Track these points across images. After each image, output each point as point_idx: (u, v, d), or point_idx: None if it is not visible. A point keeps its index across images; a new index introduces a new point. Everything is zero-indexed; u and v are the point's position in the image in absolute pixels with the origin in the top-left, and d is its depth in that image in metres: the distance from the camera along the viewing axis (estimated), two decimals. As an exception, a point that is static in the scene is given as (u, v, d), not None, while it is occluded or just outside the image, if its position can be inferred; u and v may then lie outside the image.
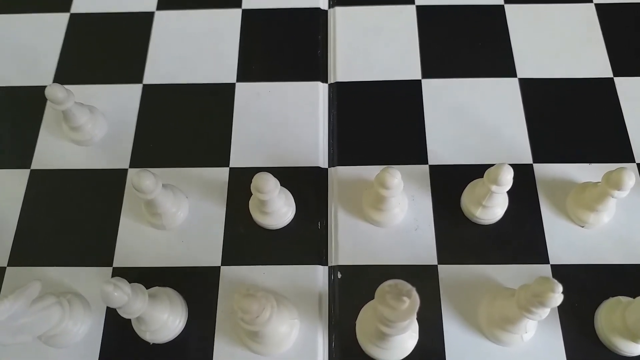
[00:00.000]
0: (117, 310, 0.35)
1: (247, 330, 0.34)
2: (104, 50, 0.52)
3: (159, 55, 0.52)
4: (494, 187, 0.39)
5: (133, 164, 0.47)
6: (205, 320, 0.41)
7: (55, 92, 0.43)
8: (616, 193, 0.39)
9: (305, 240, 0.44)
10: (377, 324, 0.33)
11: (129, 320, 0.40)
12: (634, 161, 0.45)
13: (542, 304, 0.33)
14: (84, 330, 0.41)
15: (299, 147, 0.47)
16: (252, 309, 0.32)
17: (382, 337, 0.36)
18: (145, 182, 0.39)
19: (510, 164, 0.39)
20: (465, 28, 0.52)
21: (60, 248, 0.44)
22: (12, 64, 0.52)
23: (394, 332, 0.33)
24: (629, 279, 0.41)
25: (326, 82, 0.50)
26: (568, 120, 0.47)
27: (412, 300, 0.30)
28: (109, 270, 0.43)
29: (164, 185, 0.41)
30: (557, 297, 0.32)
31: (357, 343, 0.40)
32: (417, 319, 0.35)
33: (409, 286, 0.29)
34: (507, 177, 0.39)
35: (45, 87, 0.49)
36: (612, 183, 0.39)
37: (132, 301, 0.35)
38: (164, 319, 0.39)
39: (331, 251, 0.43)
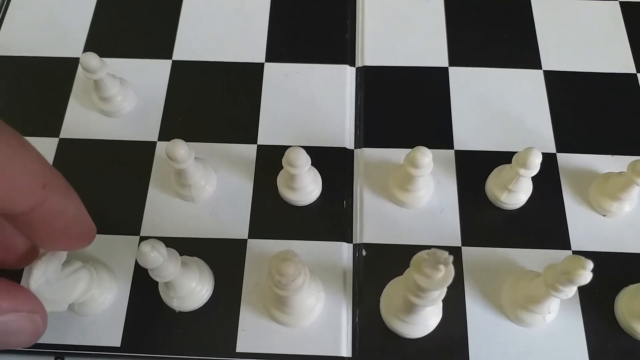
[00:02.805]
0: (150, 272, 0.36)
1: (278, 295, 0.35)
2: (133, 25, 0.53)
3: (188, 32, 0.52)
4: (522, 171, 0.40)
5: (162, 137, 0.47)
6: (231, 291, 0.41)
7: (90, 60, 0.43)
8: (641, 181, 0.40)
9: (331, 217, 0.44)
10: (408, 295, 0.33)
11: (156, 288, 0.41)
12: (656, 155, 0.46)
13: (571, 281, 0.33)
14: (110, 299, 0.41)
15: (325, 127, 0.48)
16: (289, 272, 0.32)
17: (410, 309, 0.36)
18: (179, 150, 0.39)
19: (534, 153, 0.39)
20: (492, 19, 0.53)
21: (87, 216, 0.44)
22: (42, 35, 0.52)
23: (424, 303, 0.33)
24: (649, 268, 0.42)
25: (354, 65, 0.51)
26: (591, 113, 0.48)
27: (448, 269, 0.30)
28: (136, 239, 0.43)
29: (195, 158, 0.42)
30: (587, 274, 0.33)
31: (381, 318, 0.40)
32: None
33: (446, 254, 0.30)
34: (536, 161, 0.39)
35: (75, 58, 0.51)
36: (638, 171, 0.40)
37: (166, 263, 0.35)
38: (192, 286, 0.39)
39: (356, 229, 0.44)
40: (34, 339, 0.32)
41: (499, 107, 0.48)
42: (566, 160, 0.46)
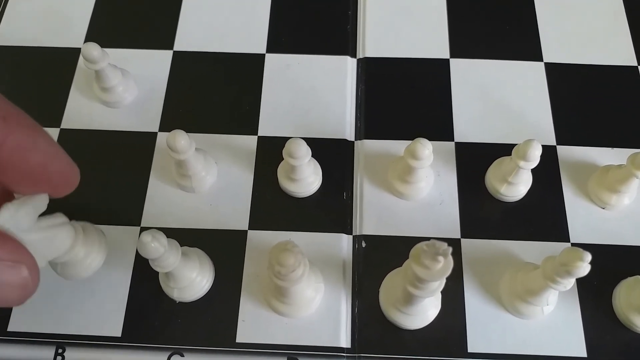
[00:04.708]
0: (151, 262, 0.36)
1: (278, 286, 0.35)
2: (135, 16, 0.53)
3: (190, 23, 0.52)
4: (521, 163, 0.40)
5: (162, 128, 0.47)
6: (231, 281, 0.42)
7: (91, 50, 0.43)
8: (641, 174, 0.40)
9: (331, 209, 0.44)
10: (407, 286, 0.34)
11: (156, 279, 0.41)
12: (656, 147, 0.46)
13: (569, 273, 0.34)
14: (98, 264, 0.37)
15: (326, 119, 0.48)
16: (289, 262, 0.32)
17: (409, 300, 0.37)
18: (180, 141, 0.39)
19: (534, 144, 0.39)
20: (493, 11, 0.53)
21: (87, 206, 0.44)
22: (43, 25, 0.52)
23: (423, 294, 0.33)
24: (648, 260, 0.42)
25: (355, 57, 0.51)
26: (592, 105, 0.48)
27: (447, 260, 0.31)
28: (137, 229, 0.43)
29: (195, 149, 0.42)
30: (585, 266, 0.33)
31: (380, 310, 0.41)
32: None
33: (445, 245, 0.30)
34: (536, 153, 0.39)
35: (76, 48, 0.51)
36: (638, 164, 0.40)
37: (167, 254, 0.35)
38: (192, 277, 0.40)
39: (356, 221, 0.44)
40: (22, 295, 0.27)
41: (500, 100, 0.48)
42: (566, 152, 0.46)
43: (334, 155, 0.46)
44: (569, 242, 0.43)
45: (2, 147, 0.26)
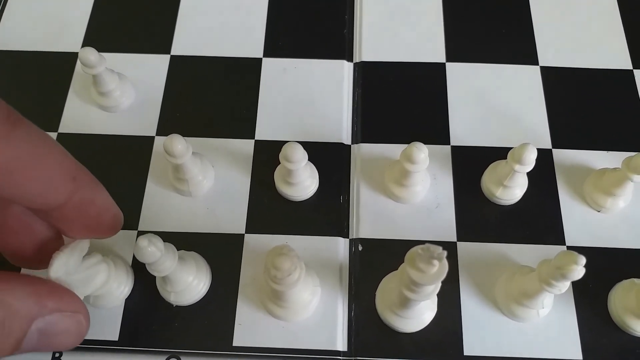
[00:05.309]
0: (148, 266, 0.36)
1: (274, 290, 0.35)
2: (132, 20, 0.53)
3: (187, 27, 0.52)
4: (517, 167, 0.40)
5: (160, 132, 0.47)
6: (228, 285, 0.42)
7: (88, 55, 0.43)
8: (636, 177, 0.40)
9: (327, 213, 0.44)
10: (402, 290, 0.34)
11: (153, 283, 0.41)
12: (650, 151, 0.46)
13: (564, 276, 0.34)
14: (126, 293, 0.41)
15: (323, 123, 0.48)
16: (285, 266, 0.32)
17: (405, 304, 0.37)
18: (177, 145, 0.40)
19: (530, 148, 0.40)
20: (489, 15, 0.53)
21: (85, 210, 0.44)
22: (41, 29, 0.52)
23: (418, 298, 0.34)
24: (643, 263, 0.42)
25: (351, 61, 0.51)
26: (587, 109, 0.48)
27: (442, 263, 0.31)
28: (134, 233, 0.43)
29: (192, 153, 0.42)
30: (580, 269, 0.33)
31: (377, 313, 0.41)
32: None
33: (440, 249, 0.30)
34: (531, 157, 0.40)
35: (74, 53, 0.51)
36: (632, 167, 0.40)
37: (164, 258, 0.35)
38: (189, 280, 0.40)
39: (352, 224, 0.44)
40: (77, 341, 0.31)
41: (496, 103, 0.48)
42: (561, 156, 0.46)
43: (330, 159, 0.46)
44: (565, 245, 0.43)
45: (69, 203, 0.29)
